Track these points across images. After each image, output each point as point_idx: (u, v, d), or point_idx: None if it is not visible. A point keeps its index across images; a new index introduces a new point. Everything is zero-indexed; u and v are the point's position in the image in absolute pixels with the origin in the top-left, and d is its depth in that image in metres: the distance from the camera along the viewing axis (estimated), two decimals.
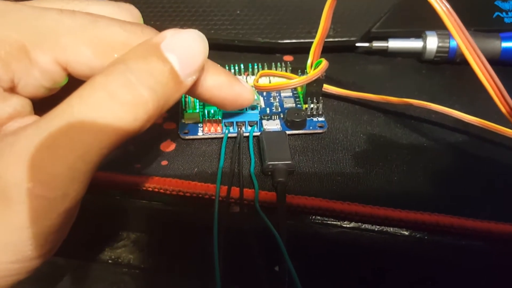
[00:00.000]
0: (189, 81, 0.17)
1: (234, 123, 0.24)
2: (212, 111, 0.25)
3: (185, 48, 0.17)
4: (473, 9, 0.33)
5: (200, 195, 0.21)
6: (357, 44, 0.32)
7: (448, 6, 0.18)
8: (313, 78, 0.23)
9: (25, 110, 0.18)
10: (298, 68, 0.28)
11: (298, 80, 0.23)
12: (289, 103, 0.27)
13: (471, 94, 0.28)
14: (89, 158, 0.15)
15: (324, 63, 0.23)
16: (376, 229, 0.20)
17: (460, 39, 0.18)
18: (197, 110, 0.26)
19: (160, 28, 0.21)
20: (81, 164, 0.15)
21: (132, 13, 0.21)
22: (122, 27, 0.17)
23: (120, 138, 0.15)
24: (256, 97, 0.22)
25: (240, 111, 0.24)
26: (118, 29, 0.17)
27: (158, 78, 0.16)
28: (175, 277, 0.21)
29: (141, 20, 0.21)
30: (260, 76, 0.25)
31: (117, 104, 0.15)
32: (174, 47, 0.17)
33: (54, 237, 0.15)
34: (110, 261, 0.22)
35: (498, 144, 0.24)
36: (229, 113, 0.24)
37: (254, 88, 0.25)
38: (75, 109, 0.15)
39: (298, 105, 0.26)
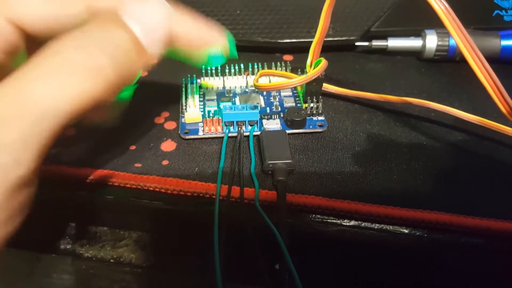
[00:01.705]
0: (155, 51, 0.17)
1: (235, 123, 0.24)
2: (212, 111, 0.25)
3: (147, 15, 0.17)
4: (473, 7, 0.33)
5: (201, 195, 0.21)
6: (357, 43, 0.32)
7: (446, 4, 0.18)
8: (313, 78, 0.23)
9: None
10: (298, 67, 0.28)
11: (298, 80, 0.23)
12: (289, 103, 0.27)
13: (470, 92, 0.28)
14: (44, 126, 0.14)
15: (323, 63, 0.23)
16: (375, 227, 0.20)
17: (459, 37, 0.18)
18: (198, 110, 0.26)
19: None
20: (35, 132, 0.14)
21: None
22: None
23: (78, 106, 0.15)
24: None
25: (239, 111, 0.24)
26: None
27: (118, 44, 0.16)
28: (176, 275, 0.21)
29: None
30: (260, 76, 0.25)
31: (72, 70, 0.15)
32: (135, 14, 0.16)
33: (7, 212, 0.14)
34: (112, 260, 0.22)
35: (498, 142, 0.24)
36: (229, 113, 0.24)
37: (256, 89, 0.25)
38: (27, 76, 0.14)
39: (298, 104, 0.27)
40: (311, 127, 0.25)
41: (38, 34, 0.17)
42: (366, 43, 0.31)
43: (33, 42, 0.17)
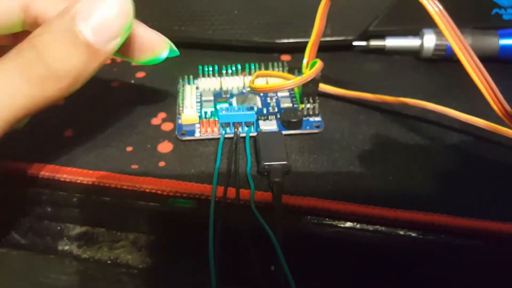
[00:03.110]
0: (109, 48, 0.18)
1: (231, 124, 0.24)
2: (209, 112, 0.25)
3: (99, 14, 0.17)
4: (471, 6, 0.33)
5: (197, 196, 0.21)
6: (354, 43, 0.32)
7: (440, 6, 0.18)
8: (308, 79, 0.23)
9: None
10: (295, 67, 0.28)
11: (294, 81, 0.23)
12: (286, 103, 0.27)
13: (468, 92, 0.28)
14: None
15: (318, 64, 0.23)
16: (371, 229, 0.20)
17: (453, 39, 0.18)
18: (195, 111, 0.26)
19: (158, 28, 0.21)
20: None
21: None
22: None
23: (29, 108, 0.17)
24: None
25: (236, 112, 0.24)
26: None
27: (71, 53, 0.17)
28: (172, 277, 0.21)
29: None
30: (256, 77, 0.25)
31: (26, 80, 0.17)
32: (85, 16, 0.17)
33: None
34: (109, 262, 0.22)
35: (495, 142, 0.24)
36: (226, 115, 0.24)
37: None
38: None
39: (295, 105, 0.27)
40: (307, 128, 0.25)
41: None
42: (363, 43, 0.31)
43: None
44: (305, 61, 0.25)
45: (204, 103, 0.27)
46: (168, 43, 0.21)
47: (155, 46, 0.20)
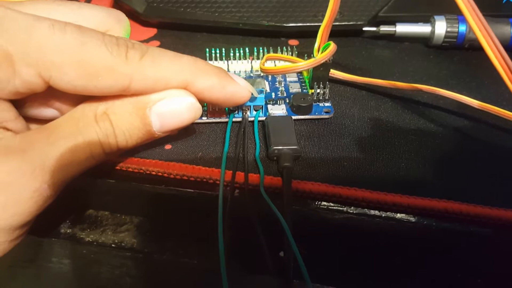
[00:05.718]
0: (163, 135, 0.20)
1: (239, 108, 0.24)
2: None
3: (172, 115, 0.19)
4: None
5: (205, 180, 0.21)
6: (364, 29, 0.31)
7: None
8: (321, 61, 0.23)
9: (9, 113, 0.18)
10: (305, 52, 0.28)
11: (306, 63, 0.23)
12: (295, 88, 0.26)
13: (479, 80, 0.28)
14: (69, 175, 0.18)
15: (332, 46, 0.23)
16: (383, 215, 0.20)
17: (473, 20, 0.18)
18: None
19: (165, 11, 0.21)
20: (68, 178, 0.18)
21: (120, 19, 0.21)
22: (109, 49, 0.18)
23: (83, 169, 0.19)
24: (258, 90, 0.22)
25: None
26: (105, 53, 0.17)
27: (134, 132, 0.19)
28: (178, 261, 0.21)
29: (128, 27, 0.22)
30: (266, 60, 0.24)
31: (86, 152, 0.18)
32: (161, 111, 0.19)
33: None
34: (113, 245, 0.21)
35: (507, 130, 0.24)
36: None
37: (262, 73, 0.25)
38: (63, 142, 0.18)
39: (304, 90, 0.26)
40: (317, 113, 0.24)
41: (61, 89, 0.18)
42: (373, 28, 0.31)
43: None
44: (316, 44, 0.24)
45: None
46: (250, 93, 0.21)
47: (238, 99, 0.21)
